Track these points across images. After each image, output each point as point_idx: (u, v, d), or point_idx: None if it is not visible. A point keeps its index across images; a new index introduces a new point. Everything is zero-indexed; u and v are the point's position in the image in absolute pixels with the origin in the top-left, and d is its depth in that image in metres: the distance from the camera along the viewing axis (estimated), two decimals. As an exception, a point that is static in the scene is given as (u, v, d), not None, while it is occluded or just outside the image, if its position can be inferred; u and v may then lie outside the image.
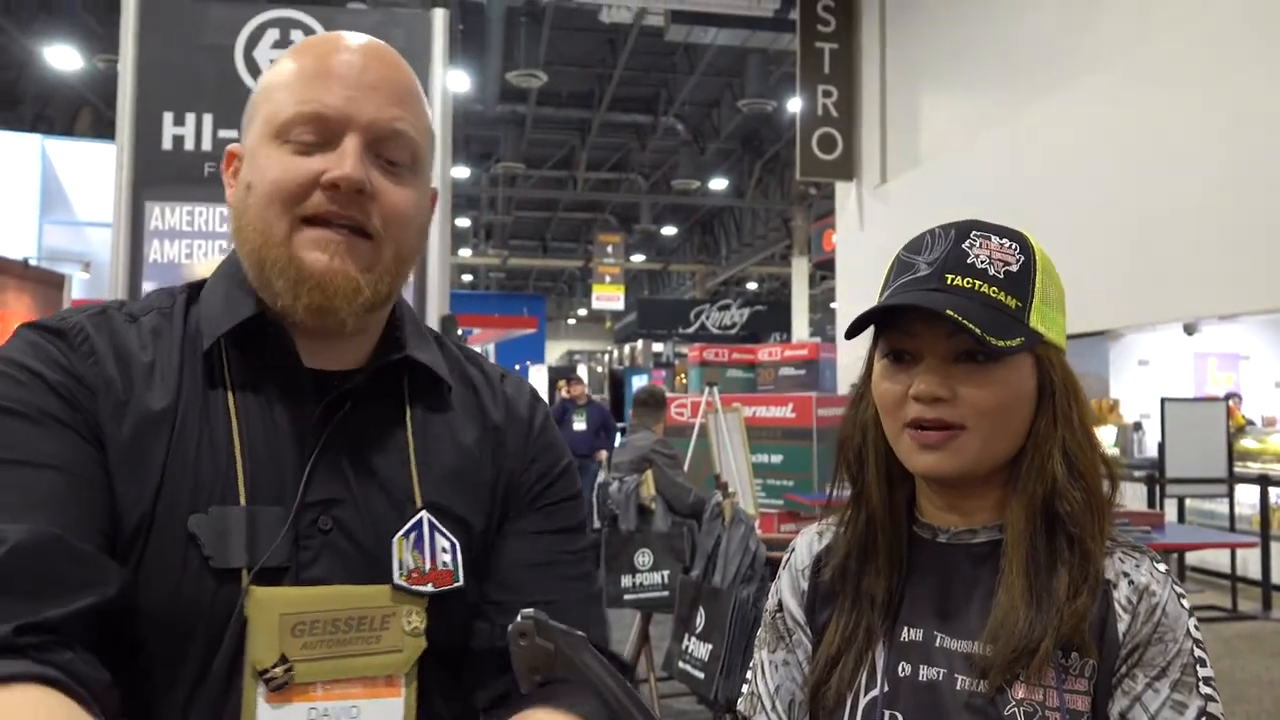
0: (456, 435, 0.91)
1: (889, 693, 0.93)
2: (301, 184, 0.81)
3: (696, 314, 19.49)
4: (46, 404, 0.77)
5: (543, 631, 0.67)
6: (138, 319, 0.86)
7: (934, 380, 0.91)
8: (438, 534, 0.85)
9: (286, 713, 0.78)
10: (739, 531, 3.42)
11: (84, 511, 0.74)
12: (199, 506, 0.78)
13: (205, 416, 0.82)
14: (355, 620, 0.81)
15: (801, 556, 1.07)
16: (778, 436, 6.51)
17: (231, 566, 0.78)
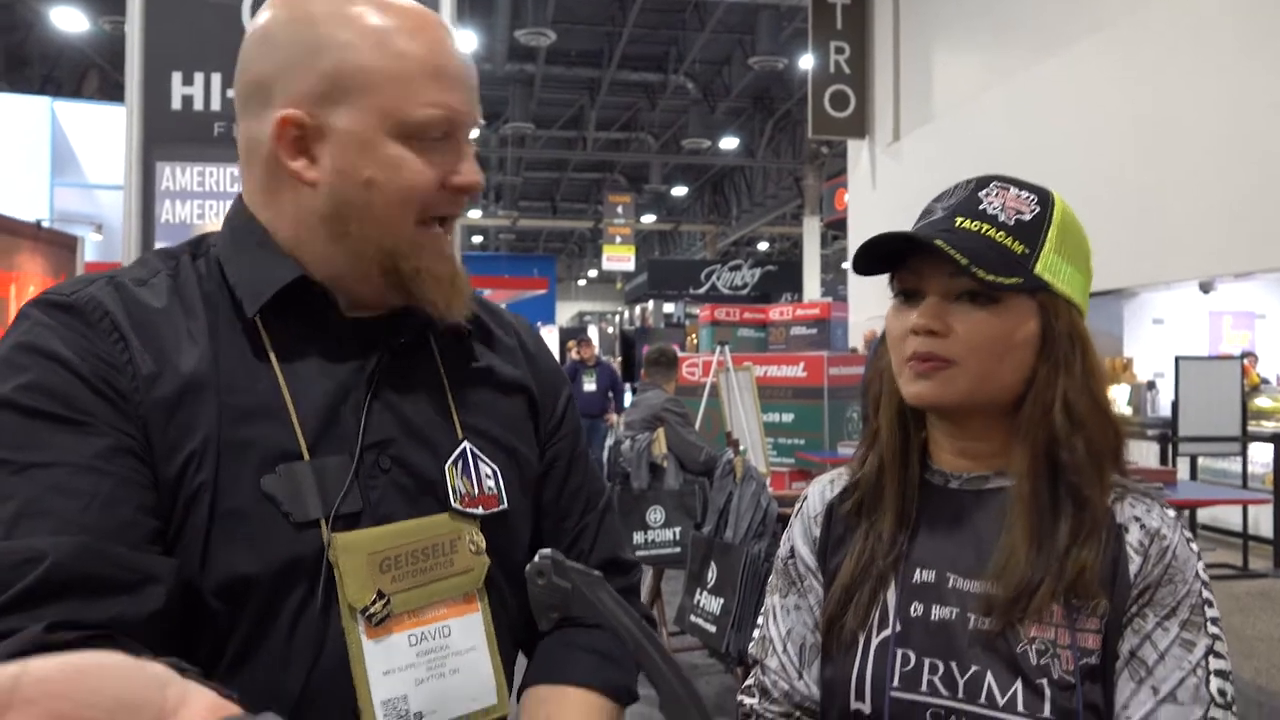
0: (482, 369, 0.97)
1: (901, 632, 0.95)
2: (435, 189, 0.86)
3: (707, 274, 19.42)
4: (77, 397, 0.76)
5: (560, 571, 0.68)
6: (147, 283, 0.85)
7: (930, 314, 0.92)
8: (480, 461, 0.92)
9: (389, 644, 0.82)
10: (750, 488, 3.44)
11: (128, 510, 0.74)
12: (266, 468, 0.80)
13: (250, 378, 0.83)
14: (429, 549, 0.86)
15: (814, 503, 1.08)
16: (789, 395, 6.52)
17: (311, 519, 0.81)
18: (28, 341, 0.77)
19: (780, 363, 6.65)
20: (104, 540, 0.72)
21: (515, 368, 1.00)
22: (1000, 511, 0.95)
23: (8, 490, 0.71)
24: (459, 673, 0.86)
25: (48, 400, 0.75)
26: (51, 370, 0.76)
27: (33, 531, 0.70)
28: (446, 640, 0.86)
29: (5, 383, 0.75)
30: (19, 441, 0.73)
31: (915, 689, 0.93)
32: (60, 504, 0.71)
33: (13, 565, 0.68)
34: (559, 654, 0.96)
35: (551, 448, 1.02)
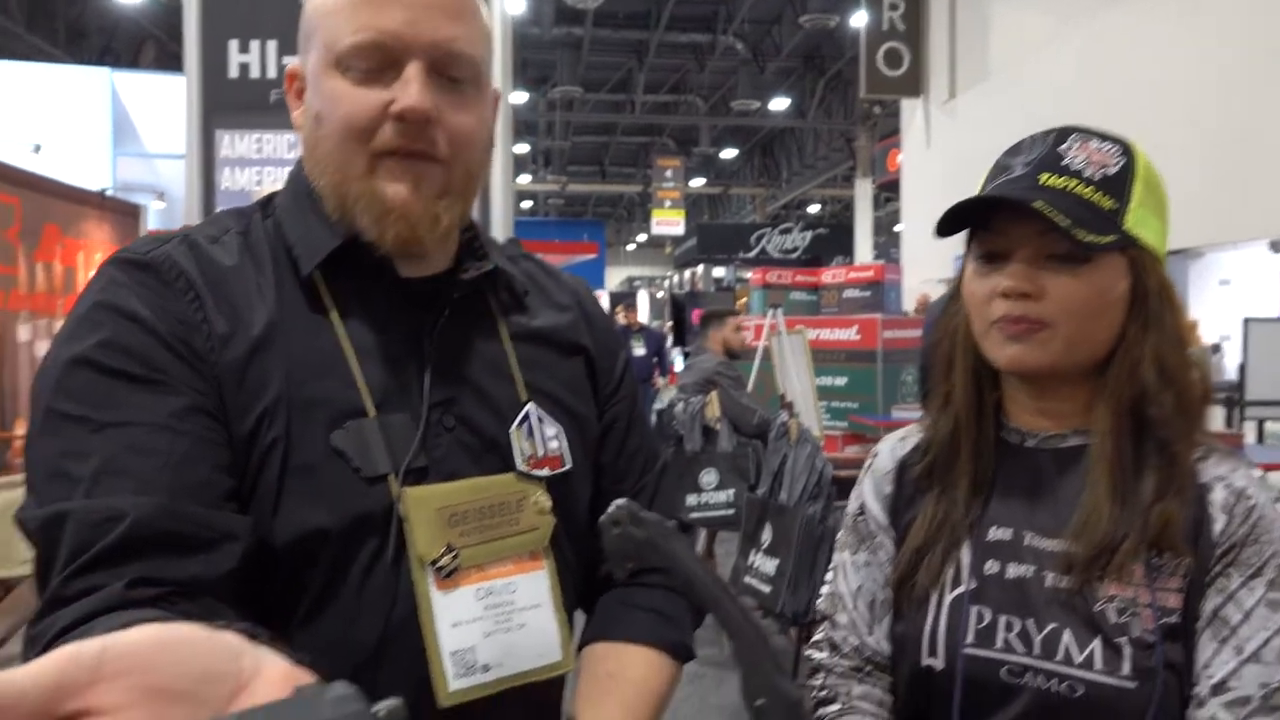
0: (542, 329, 0.97)
1: (976, 589, 0.94)
2: (371, 117, 0.82)
3: (757, 238, 19.24)
4: (153, 356, 0.77)
5: (634, 521, 0.68)
6: (219, 240, 0.86)
7: (1022, 276, 0.90)
8: (544, 422, 0.92)
9: (457, 596, 0.84)
10: (805, 450, 3.43)
11: (205, 469, 0.75)
12: (334, 425, 0.81)
13: (312, 336, 0.84)
14: (496, 506, 0.87)
15: (884, 461, 1.07)
16: (842, 359, 6.46)
17: (380, 473, 0.82)
18: (106, 300, 0.78)
19: (833, 326, 6.58)
20: (181, 499, 0.73)
21: (573, 328, 1.00)
22: (1080, 470, 0.93)
23: (88, 448, 0.73)
24: (525, 628, 0.86)
25: (125, 359, 0.76)
26: (129, 329, 0.77)
27: (113, 490, 0.71)
28: (512, 596, 0.87)
29: (84, 340, 0.76)
30: (98, 400, 0.74)
31: (990, 645, 0.92)
32: (138, 463, 0.73)
33: (95, 524, 0.70)
34: (619, 612, 0.97)
35: (610, 409, 1.02)
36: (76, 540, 0.70)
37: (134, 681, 0.34)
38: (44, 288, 5.17)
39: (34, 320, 5.09)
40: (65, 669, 0.33)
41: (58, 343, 0.78)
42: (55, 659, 0.33)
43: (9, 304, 4.88)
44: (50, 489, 0.73)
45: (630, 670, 0.93)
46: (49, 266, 5.21)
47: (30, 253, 5.05)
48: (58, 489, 0.72)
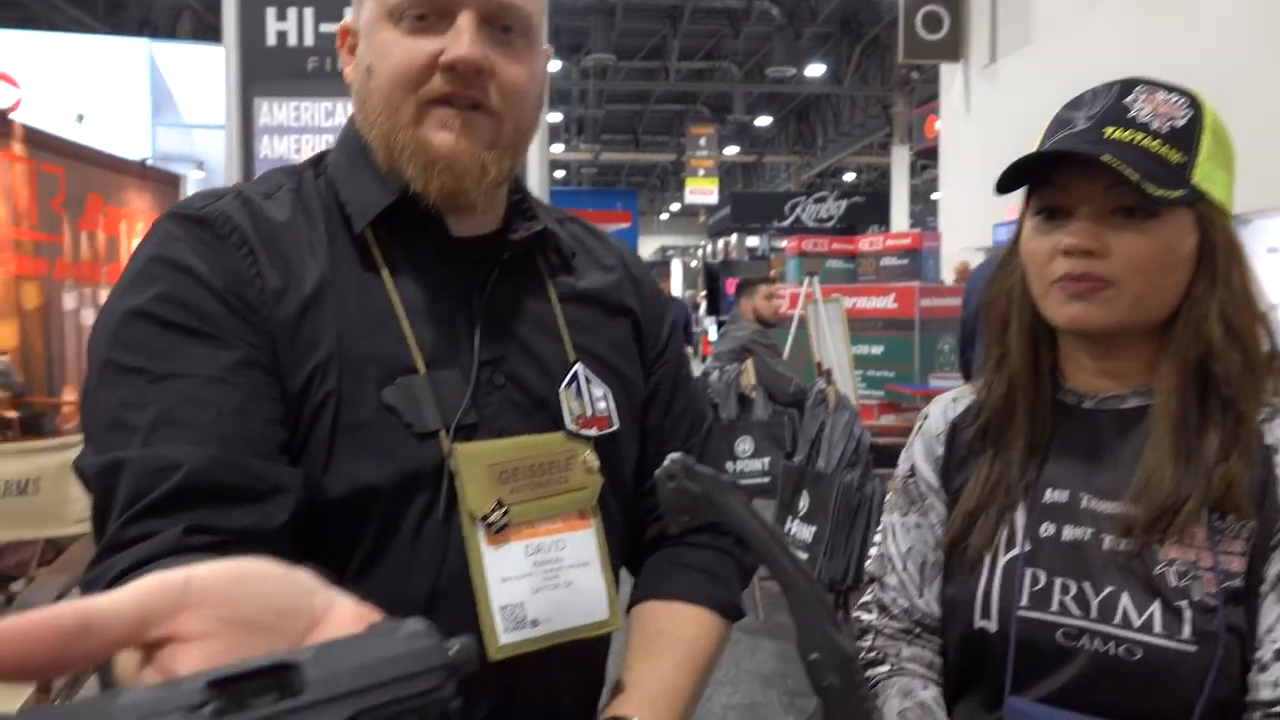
0: (589, 290, 0.97)
1: (1030, 551, 0.93)
2: (421, 67, 0.82)
3: (791, 207, 19.06)
4: (208, 310, 0.77)
5: (690, 475, 0.68)
6: (272, 196, 0.87)
7: (1086, 232, 0.88)
8: (592, 384, 0.92)
9: (506, 551, 0.84)
10: (843, 417, 3.41)
11: (258, 422, 0.76)
12: (386, 380, 0.82)
13: (364, 293, 0.84)
14: (546, 464, 0.87)
15: (936, 422, 1.06)
16: (879, 327, 6.41)
17: (430, 429, 0.82)
18: (162, 254, 0.79)
19: (870, 294, 6.51)
20: (235, 451, 0.74)
21: (620, 291, 1.00)
22: (1140, 431, 0.92)
23: (145, 399, 0.74)
24: (573, 585, 0.87)
25: (181, 312, 0.76)
26: (184, 283, 0.78)
27: (169, 440, 0.72)
28: (561, 553, 0.87)
29: (141, 293, 0.77)
30: (155, 352, 0.75)
31: (1045, 608, 0.91)
32: (194, 414, 0.74)
33: (151, 472, 0.71)
34: (668, 571, 0.98)
35: (657, 371, 1.02)
36: (132, 487, 0.71)
37: (215, 612, 0.35)
38: (88, 257, 5.24)
39: (79, 289, 5.18)
40: (151, 596, 0.34)
41: (115, 296, 0.79)
42: (142, 586, 0.34)
43: (55, 273, 4.96)
44: (108, 438, 0.74)
45: (682, 628, 0.93)
46: (93, 236, 5.28)
47: (75, 222, 5.12)
48: (115, 438, 0.73)
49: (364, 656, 0.35)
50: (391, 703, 0.34)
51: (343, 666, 0.34)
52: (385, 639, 0.36)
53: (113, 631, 0.33)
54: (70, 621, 0.32)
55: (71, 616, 0.32)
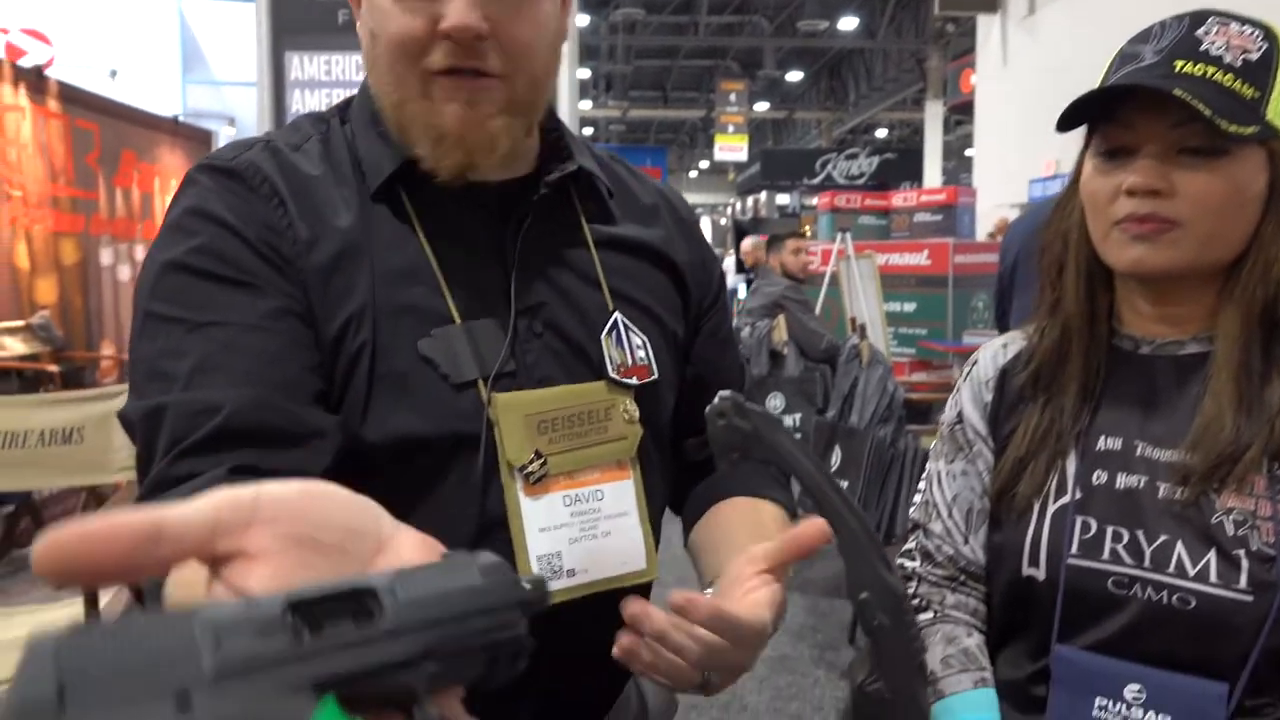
0: (627, 236, 0.95)
1: (1081, 499, 0.91)
2: (419, 38, 0.79)
3: (822, 164, 18.81)
4: (243, 260, 0.77)
5: (740, 412, 0.67)
6: (300, 148, 0.86)
7: (1151, 171, 0.85)
8: (631, 331, 0.91)
9: (545, 502, 0.84)
10: (876, 373, 3.39)
11: (295, 369, 0.77)
12: (421, 331, 0.81)
13: (396, 243, 0.83)
14: (585, 414, 0.86)
15: (985, 368, 1.04)
16: (911, 284, 6.34)
17: (467, 380, 0.82)
18: (195, 206, 0.79)
19: (903, 250, 6.44)
20: (274, 395, 0.74)
21: (663, 239, 0.98)
22: (1199, 378, 0.89)
23: (184, 347, 0.74)
24: (610, 535, 0.87)
25: (217, 263, 0.77)
26: (219, 234, 0.78)
27: (208, 385, 0.73)
28: (599, 504, 0.87)
29: (178, 246, 0.78)
30: (192, 302, 0.76)
31: (1095, 556, 0.89)
32: (232, 360, 0.74)
33: (193, 414, 0.72)
34: (716, 482, 0.98)
35: (706, 322, 1.00)
36: (175, 429, 0.72)
37: (284, 529, 0.35)
38: (123, 213, 5.29)
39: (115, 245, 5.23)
40: (223, 508, 0.34)
41: (153, 250, 0.80)
42: (213, 500, 0.34)
43: (91, 229, 5.01)
44: (149, 386, 0.75)
45: (750, 513, 0.93)
46: (127, 193, 5.32)
47: (109, 178, 5.16)
48: (156, 385, 0.74)
49: (441, 587, 0.34)
50: (467, 636, 0.34)
51: (420, 596, 0.34)
52: (462, 571, 0.35)
53: (184, 540, 0.32)
54: (143, 527, 0.31)
55: (145, 522, 0.31)
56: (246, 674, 0.29)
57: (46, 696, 0.27)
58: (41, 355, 4.42)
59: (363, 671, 0.31)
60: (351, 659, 0.31)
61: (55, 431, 2.07)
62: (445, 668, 0.33)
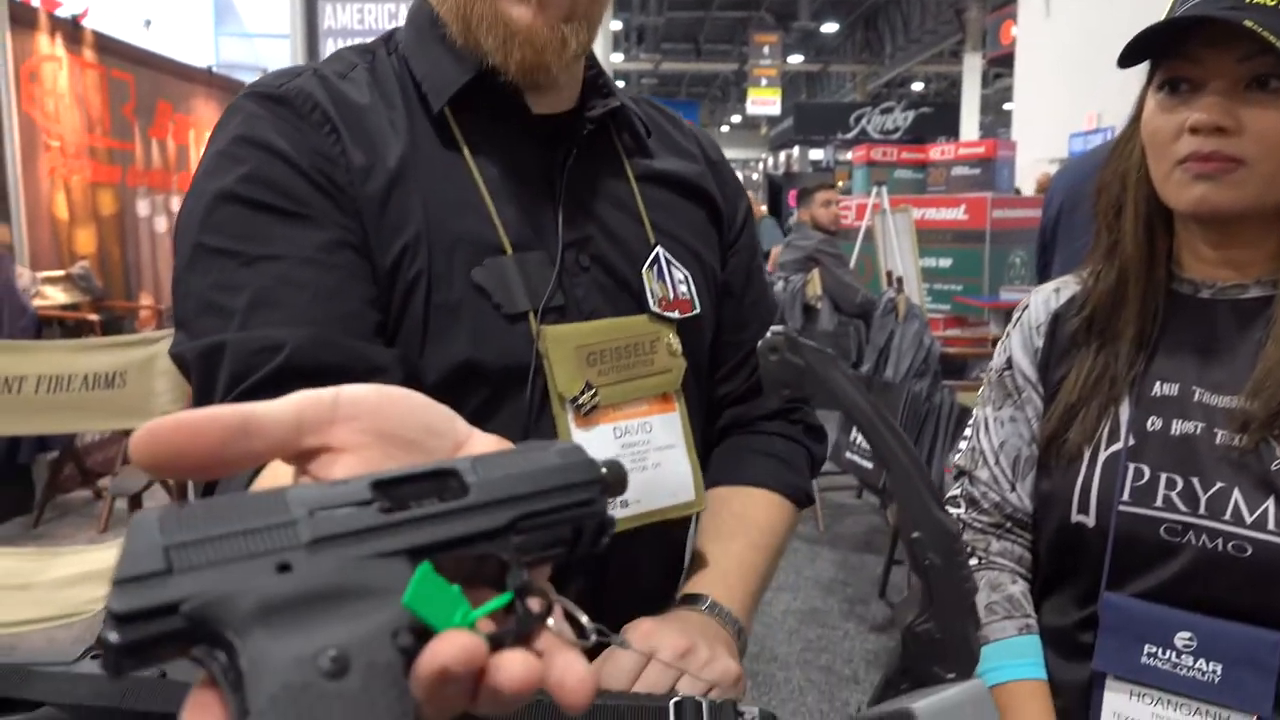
0: (666, 172, 0.95)
1: (1134, 446, 0.90)
2: None
3: (857, 118, 18.52)
4: (295, 189, 0.76)
5: (793, 347, 0.66)
6: (347, 76, 0.85)
7: (1217, 107, 0.82)
8: (673, 266, 0.91)
9: (595, 434, 0.84)
10: (913, 327, 3.35)
11: (354, 303, 0.76)
12: (474, 261, 0.81)
13: (447, 172, 0.83)
14: (631, 347, 0.86)
15: (1037, 312, 1.02)
16: (947, 240, 6.26)
17: (519, 311, 0.81)
18: (245, 134, 0.78)
19: (939, 205, 6.34)
20: (333, 332, 0.73)
21: (697, 173, 0.98)
22: (1261, 322, 0.87)
23: (239, 281, 0.73)
24: (660, 467, 0.87)
25: (269, 192, 0.75)
26: (269, 162, 0.76)
27: (267, 322, 0.72)
28: (648, 435, 0.87)
29: (227, 175, 0.76)
30: (245, 233, 0.75)
31: (1148, 504, 0.88)
32: (290, 296, 0.73)
33: (252, 352, 0.71)
34: (738, 458, 0.98)
35: (733, 258, 1.00)
36: (234, 369, 0.71)
37: (366, 424, 0.35)
38: (159, 164, 5.32)
39: (151, 196, 5.27)
40: (305, 407, 0.34)
41: (200, 178, 0.79)
42: (295, 399, 0.34)
43: (128, 180, 5.05)
44: (204, 322, 0.74)
45: (755, 512, 0.94)
46: (163, 144, 5.35)
47: (145, 130, 5.18)
48: (212, 321, 0.73)
49: (521, 467, 0.35)
50: (550, 511, 0.35)
51: (501, 474, 0.34)
52: (539, 453, 0.36)
53: (271, 434, 0.33)
54: (234, 420, 0.32)
55: (235, 415, 0.32)
56: (341, 540, 0.30)
57: (155, 560, 0.28)
58: (82, 305, 4.48)
59: (451, 541, 0.32)
60: (440, 529, 0.32)
61: (98, 376, 2.10)
62: (531, 541, 0.34)
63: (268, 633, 0.27)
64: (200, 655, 0.28)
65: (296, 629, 0.28)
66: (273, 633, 0.27)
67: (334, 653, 0.28)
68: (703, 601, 0.85)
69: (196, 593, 0.27)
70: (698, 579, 0.88)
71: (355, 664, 0.28)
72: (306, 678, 0.27)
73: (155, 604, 0.27)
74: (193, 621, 0.27)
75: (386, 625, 0.29)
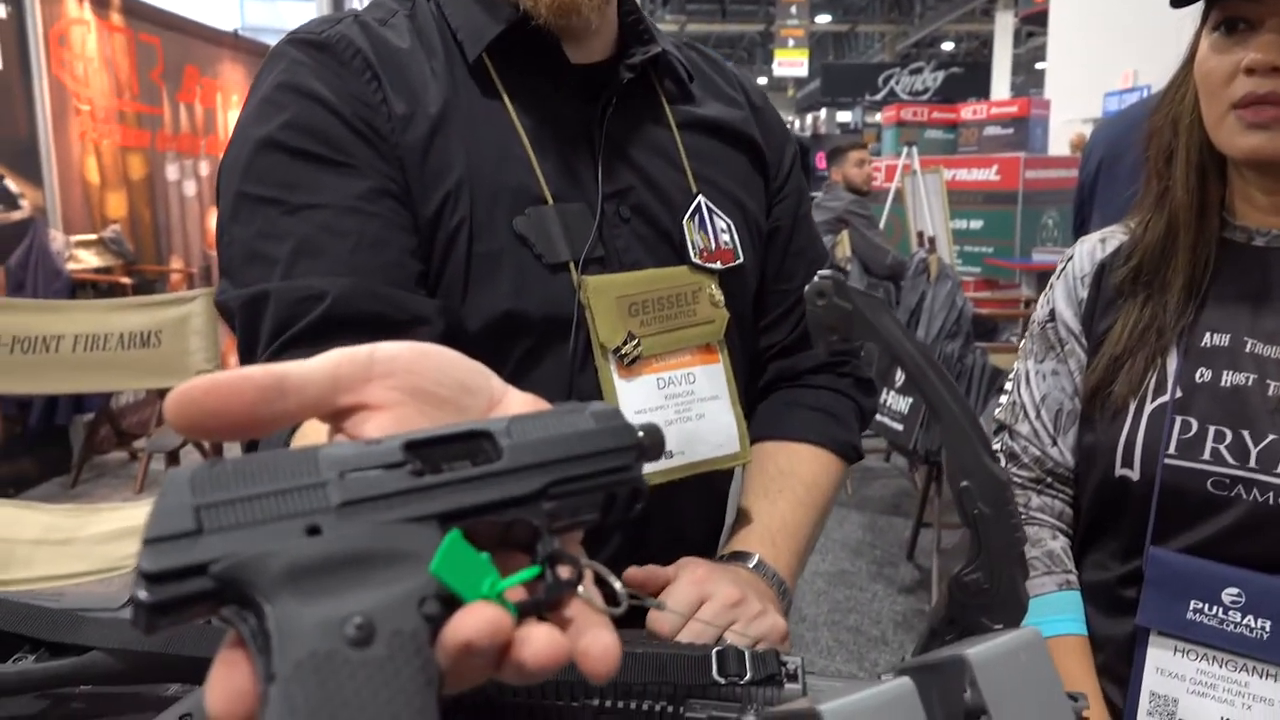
0: (709, 118, 0.93)
1: (1182, 398, 0.88)
2: None
3: (885, 79, 18.23)
4: (337, 137, 0.76)
5: (841, 292, 0.64)
6: (388, 23, 0.84)
7: (1274, 46, 0.80)
8: (715, 215, 0.89)
9: (639, 384, 0.84)
10: (945, 287, 3.31)
11: (395, 253, 0.75)
12: (515, 210, 0.80)
13: (487, 121, 0.82)
14: (673, 297, 0.86)
15: (1081, 263, 0.99)
16: (979, 201, 6.16)
17: (560, 261, 0.81)
18: (287, 80, 0.77)
19: (971, 165, 6.24)
20: (375, 281, 0.73)
21: (742, 119, 0.96)
22: None
23: (282, 229, 0.74)
24: (704, 418, 0.86)
25: (310, 140, 0.75)
26: (311, 109, 0.76)
27: (310, 270, 0.72)
28: (692, 386, 0.86)
29: (270, 121, 0.76)
30: (288, 181, 0.75)
31: (1195, 456, 0.86)
32: (333, 244, 0.73)
33: (296, 301, 0.71)
34: (784, 412, 0.97)
35: (777, 205, 0.98)
36: (278, 317, 0.72)
37: (401, 381, 0.35)
38: (187, 129, 5.33)
39: (180, 160, 5.28)
40: (340, 365, 0.34)
41: (242, 125, 0.78)
42: (330, 357, 0.34)
43: (157, 144, 5.06)
44: (249, 271, 0.74)
45: (801, 468, 0.93)
46: (190, 108, 5.35)
47: (173, 94, 5.19)
48: (256, 270, 0.74)
49: (556, 430, 0.34)
50: (584, 476, 0.34)
51: (535, 438, 0.34)
52: (574, 416, 0.35)
53: (306, 393, 0.33)
54: (268, 380, 0.32)
55: (269, 375, 0.32)
56: (371, 504, 0.30)
57: (185, 519, 0.28)
58: (114, 268, 4.52)
59: (482, 506, 0.32)
60: (471, 494, 0.31)
61: (133, 335, 2.12)
62: (563, 507, 0.34)
63: (295, 597, 0.27)
64: (230, 615, 0.28)
65: (324, 594, 0.28)
66: (300, 597, 0.27)
67: (359, 620, 0.27)
68: (749, 560, 0.84)
69: (226, 554, 0.27)
70: (743, 537, 0.87)
71: (380, 632, 0.28)
72: (331, 645, 0.27)
73: (184, 564, 0.27)
74: (222, 583, 0.27)
75: (413, 593, 0.29)
